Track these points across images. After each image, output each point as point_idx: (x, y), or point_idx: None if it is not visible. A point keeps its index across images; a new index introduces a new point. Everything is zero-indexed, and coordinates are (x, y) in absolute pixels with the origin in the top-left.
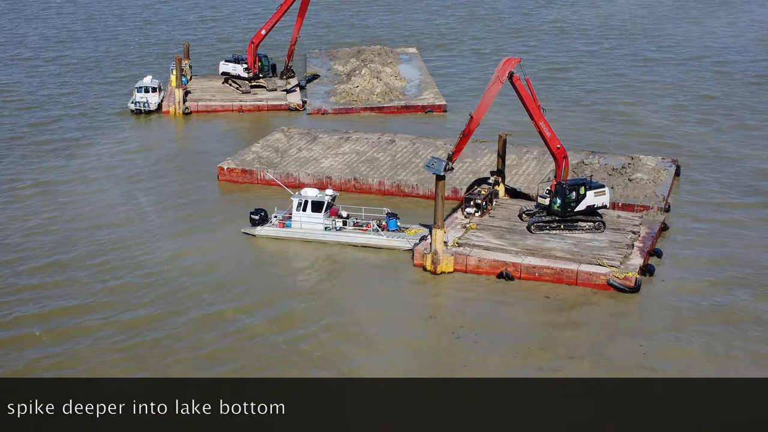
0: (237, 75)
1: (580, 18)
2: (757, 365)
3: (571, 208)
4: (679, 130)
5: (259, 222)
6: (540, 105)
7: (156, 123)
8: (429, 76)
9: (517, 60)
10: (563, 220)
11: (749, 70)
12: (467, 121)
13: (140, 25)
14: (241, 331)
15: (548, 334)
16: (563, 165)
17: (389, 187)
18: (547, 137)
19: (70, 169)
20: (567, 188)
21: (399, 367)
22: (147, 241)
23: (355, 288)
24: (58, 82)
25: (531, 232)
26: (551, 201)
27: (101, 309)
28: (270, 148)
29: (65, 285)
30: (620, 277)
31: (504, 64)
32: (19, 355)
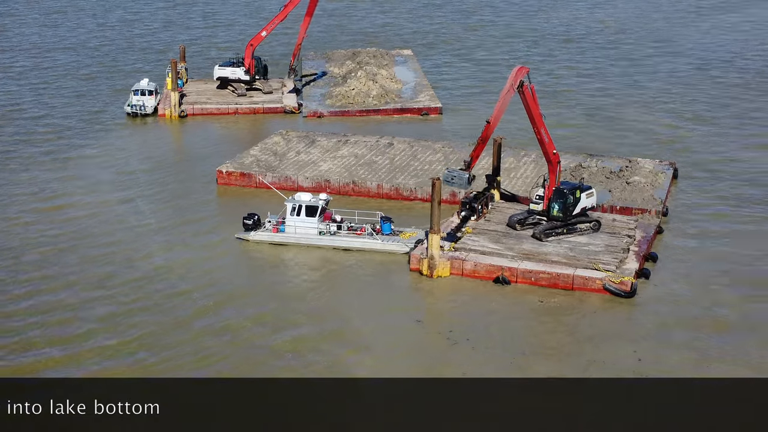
0: (237, 79)
1: (578, 19)
2: (750, 369)
3: (570, 212)
4: (677, 132)
5: (252, 227)
6: (541, 112)
7: (152, 126)
8: (425, 78)
9: (527, 69)
10: (566, 224)
11: (748, 72)
12: (484, 126)
13: (134, 27)
14: (236, 334)
15: (542, 339)
16: (557, 170)
17: (388, 190)
18: (545, 143)
19: (66, 173)
20: (567, 192)
21: (395, 371)
22: (144, 245)
23: (350, 292)
24: (53, 86)
25: (541, 241)
26: (549, 206)
27: (94, 310)
28: (269, 151)
29: (59, 289)
30: (616, 281)
31: (516, 73)
32: None
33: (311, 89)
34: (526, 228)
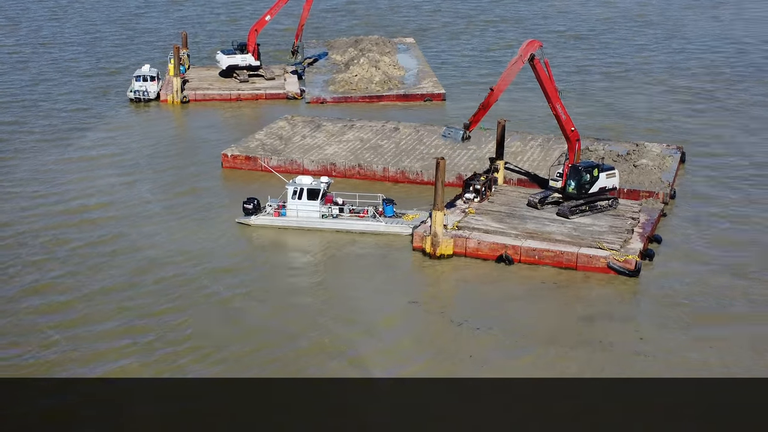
0: (248, 65)
1: (584, 5)
2: (753, 351)
3: (586, 190)
4: (686, 116)
5: (252, 211)
6: (557, 88)
7: (154, 112)
8: (427, 65)
9: (539, 43)
10: (587, 201)
11: (759, 59)
12: (487, 93)
13: (137, 13)
14: (242, 320)
15: (546, 320)
16: (576, 148)
17: (394, 173)
18: (562, 120)
19: (70, 158)
20: (582, 170)
21: (400, 354)
22: (149, 232)
23: (355, 274)
24: (55, 72)
25: (567, 218)
26: (566, 183)
27: (97, 296)
28: (274, 135)
29: (64, 275)
30: (620, 260)
31: (527, 45)
32: None
33: (314, 75)
34: (547, 206)
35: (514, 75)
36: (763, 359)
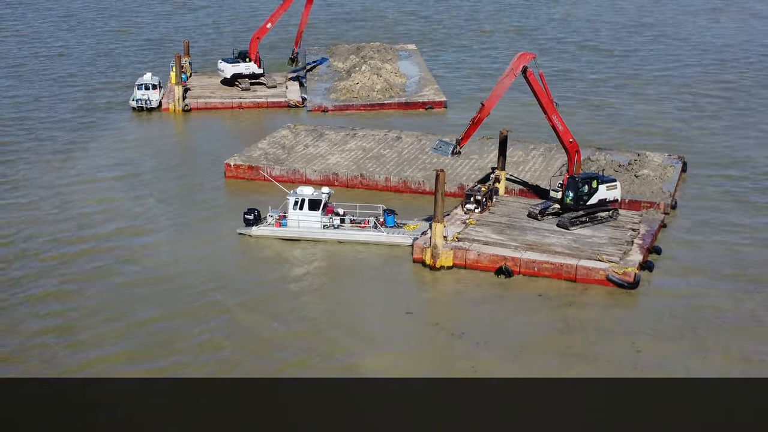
0: (252, 73)
1: (585, 14)
2: (750, 364)
3: (584, 202)
4: (686, 127)
5: (253, 222)
6: (553, 99)
7: (157, 120)
8: (428, 72)
9: (532, 55)
10: (588, 212)
11: (761, 67)
12: (478, 108)
13: (137, 22)
14: (241, 328)
15: (544, 333)
16: (575, 159)
17: (396, 183)
18: (560, 131)
19: (72, 167)
20: (579, 182)
21: (400, 364)
22: (152, 242)
23: (354, 285)
24: (57, 81)
25: (567, 229)
26: (564, 195)
27: (97, 306)
28: (276, 144)
29: (65, 281)
30: (619, 272)
31: (519, 59)
32: None
33: (315, 83)
34: (548, 217)
35: (506, 89)
36: (761, 371)
